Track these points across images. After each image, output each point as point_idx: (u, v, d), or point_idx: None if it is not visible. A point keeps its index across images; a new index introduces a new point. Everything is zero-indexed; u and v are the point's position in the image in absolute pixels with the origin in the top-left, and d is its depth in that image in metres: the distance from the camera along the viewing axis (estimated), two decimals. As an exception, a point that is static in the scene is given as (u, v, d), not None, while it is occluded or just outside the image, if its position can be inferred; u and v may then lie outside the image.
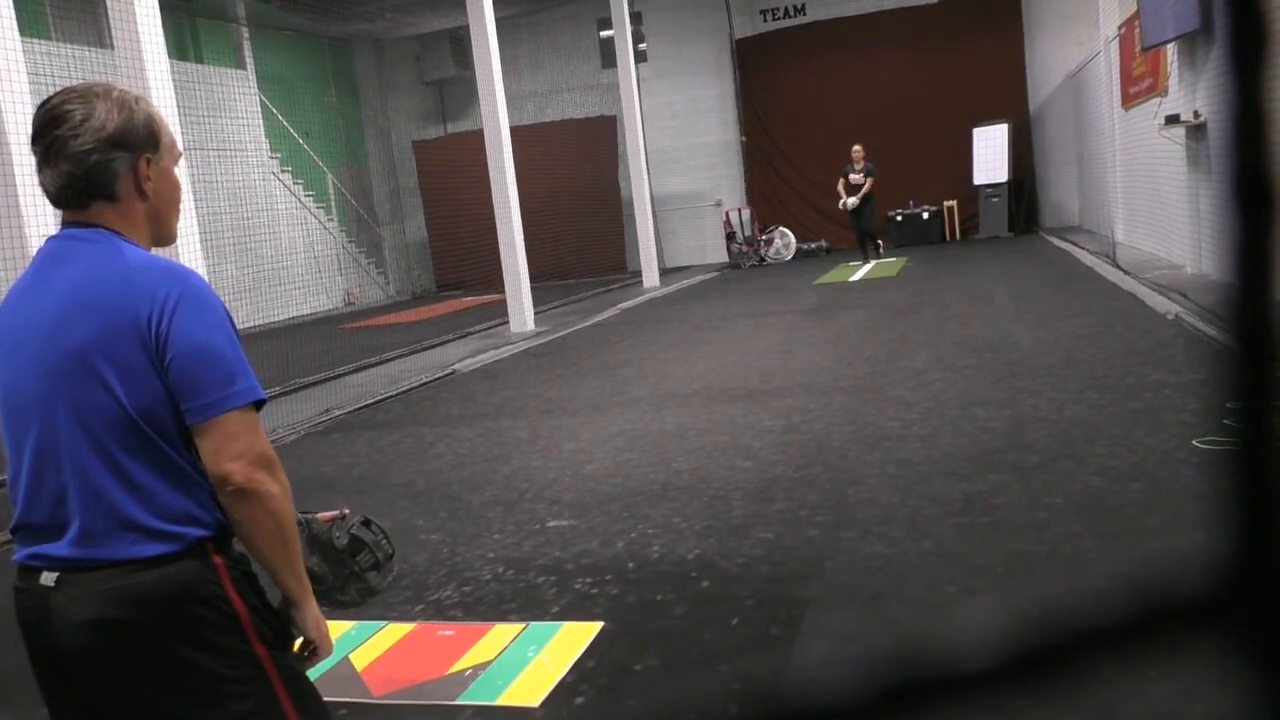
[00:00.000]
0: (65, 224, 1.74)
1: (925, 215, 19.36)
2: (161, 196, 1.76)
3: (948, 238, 19.41)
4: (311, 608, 1.79)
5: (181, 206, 1.86)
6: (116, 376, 1.63)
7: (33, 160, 1.73)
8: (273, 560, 1.70)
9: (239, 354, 1.68)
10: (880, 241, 17.48)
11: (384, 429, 7.74)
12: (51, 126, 1.68)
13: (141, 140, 1.71)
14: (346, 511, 2.02)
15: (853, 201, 16.48)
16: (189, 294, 1.66)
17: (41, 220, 6.48)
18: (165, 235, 1.81)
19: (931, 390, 6.69)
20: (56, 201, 1.73)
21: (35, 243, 6.44)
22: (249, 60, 19.11)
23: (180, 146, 1.85)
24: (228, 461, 1.63)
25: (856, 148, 16.60)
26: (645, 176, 18.04)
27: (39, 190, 1.75)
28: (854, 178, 16.52)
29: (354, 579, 1.97)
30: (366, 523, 2.04)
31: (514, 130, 13.11)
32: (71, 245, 1.71)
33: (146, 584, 1.62)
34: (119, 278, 1.65)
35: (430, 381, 9.68)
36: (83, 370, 1.63)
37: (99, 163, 1.68)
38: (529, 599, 3.93)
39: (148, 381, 1.63)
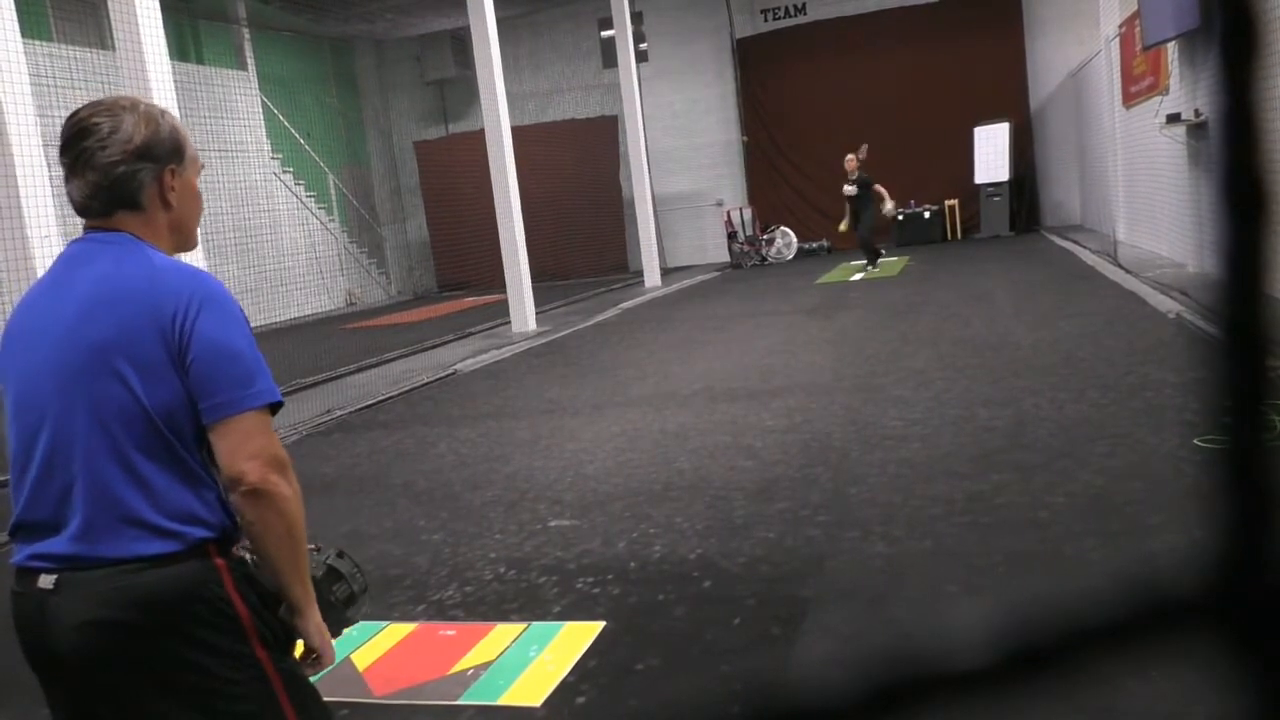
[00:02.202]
0: (88, 229, 1.77)
1: (926, 214, 19.35)
2: (185, 206, 1.80)
3: (949, 237, 19.40)
4: (315, 615, 1.79)
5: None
6: (136, 374, 1.64)
7: (33, 161, 1.75)
8: (280, 563, 1.70)
9: (258, 356, 1.71)
10: (876, 250, 15.67)
11: (385, 429, 7.74)
12: (79, 138, 1.71)
13: (167, 152, 1.75)
14: (320, 545, 2.02)
15: (843, 226, 15.26)
16: (212, 296, 1.69)
17: (43, 221, 6.49)
18: (186, 243, 1.86)
19: (933, 390, 6.69)
20: (82, 211, 1.75)
21: (36, 243, 6.45)
22: (250, 61, 19.11)
23: (201, 159, 1.88)
24: (243, 461, 1.64)
25: (849, 157, 15.21)
26: (646, 176, 18.04)
27: (39, 191, 1.77)
28: (846, 189, 15.11)
29: (331, 609, 1.97)
30: (341, 555, 2.04)
31: (515, 130, 13.11)
32: (95, 247, 1.73)
33: (148, 584, 1.62)
34: (144, 277, 1.68)
35: (432, 382, 9.68)
36: (102, 366, 1.64)
37: (125, 174, 1.71)
38: (530, 599, 3.93)
39: (167, 380, 1.65)
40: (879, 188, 14.94)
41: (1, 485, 6.97)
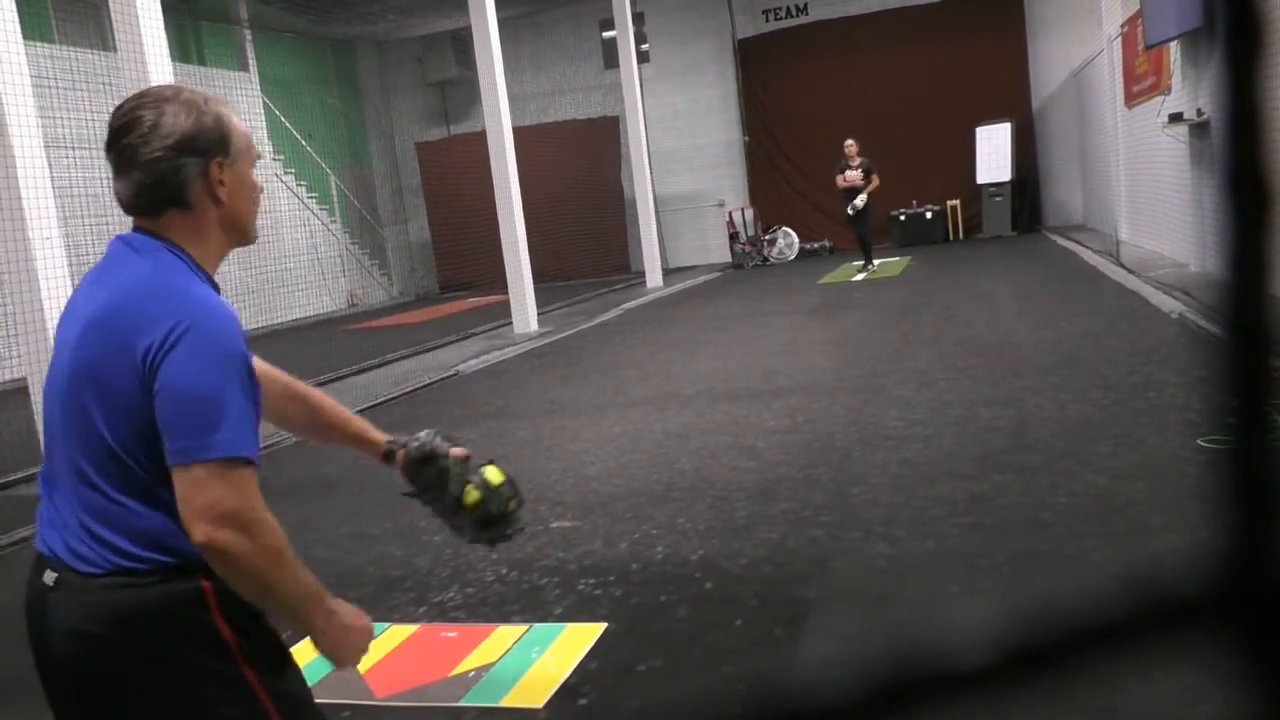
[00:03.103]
0: (135, 228, 1.71)
1: (928, 215, 19.34)
2: (237, 201, 1.71)
3: (951, 237, 19.39)
4: (318, 622, 1.69)
5: (261, 207, 1.80)
6: (109, 399, 1.60)
7: (34, 162, 1.74)
8: (260, 605, 1.65)
9: (229, 403, 1.56)
10: (869, 257, 15.13)
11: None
12: (121, 134, 1.64)
13: (212, 144, 1.67)
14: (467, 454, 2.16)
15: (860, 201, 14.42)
16: (195, 332, 1.57)
17: (44, 221, 6.49)
18: (243, 239, 1.77)
19: (935, 390, 6.69)
20: (129, 209, 1.68)
21: (37, 244, 6.45)
22: (251, 62, 19.13)
23: (258, 148, 1.78)
24: (192, 515, 1.54)
25: (849, 142, 14.67)
26: (648, 177, 18.04)
27: (40, 191, 1.75)
28: (850, 175, 14.40)
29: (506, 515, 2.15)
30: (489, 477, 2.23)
31: (516, 131, 13.11)
32: (127, 251, 1.68)
33: (127, 602, 1.58)
34: (141, 300, 1.61)
35: (433, 383, 9.68)
36: (87, 384, 1.61)
37: (169, 169, 1.63)
38: (532, 600, 3.93)
39: (137, 411, 1.58)
40: (875, 177, 14.40)
41: (1, 488, 6.99)
